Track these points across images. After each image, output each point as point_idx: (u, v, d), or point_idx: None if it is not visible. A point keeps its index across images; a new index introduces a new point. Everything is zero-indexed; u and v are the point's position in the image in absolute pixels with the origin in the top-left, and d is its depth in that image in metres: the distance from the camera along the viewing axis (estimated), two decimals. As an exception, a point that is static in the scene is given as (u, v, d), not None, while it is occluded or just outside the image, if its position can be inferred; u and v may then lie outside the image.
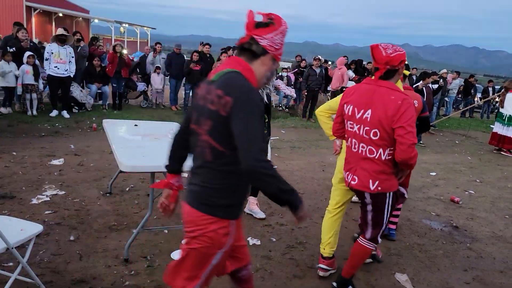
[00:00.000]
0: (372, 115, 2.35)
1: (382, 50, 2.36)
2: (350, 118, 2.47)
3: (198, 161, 1.75)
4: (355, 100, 2.45)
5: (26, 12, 21.83)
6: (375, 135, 2.35)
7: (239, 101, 1.57)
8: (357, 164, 2.47)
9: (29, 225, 2.41)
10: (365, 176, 2.43)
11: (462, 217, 4.56)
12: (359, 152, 2.45)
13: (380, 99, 2.33)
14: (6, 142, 5.82)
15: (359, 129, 2.41)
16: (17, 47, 7.66)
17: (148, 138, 3.48)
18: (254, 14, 1.72)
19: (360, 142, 2.43)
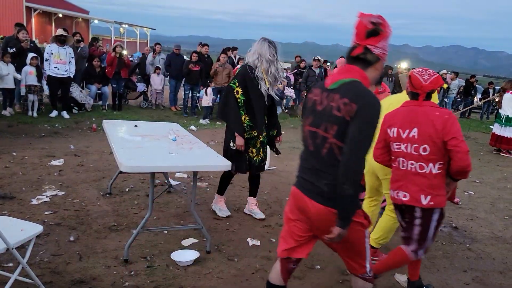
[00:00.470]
0: (419, 133, 2.50)
1: (419, 77, 2.58)
2: (396, 140, 2.61)
3: (326, 161, 1.91)
4: (398, 122, 2.60)
5: (26, 12, 21.84)
6: (425, 151, 2.49)
7: (363, 109, 1.78)
8: (407, 181, 2.57)
9: (29, 225, 2.41)
10: (416, 191, 2.53)
11: (462, 218, 4.57)
12: (408, 169, 2.57)
13: (425, 116, 2.50)
14: (6, 143, 5.83)
15: (407, 147, 2.55)
16: (17, 48, 7.67)
17: (147, 138, 3.49)
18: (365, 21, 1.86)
19: (409, 159, 2.56)
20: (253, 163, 3.79)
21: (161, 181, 4.74)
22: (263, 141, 3.81)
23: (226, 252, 3.22)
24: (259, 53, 3.59)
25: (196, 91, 10.11)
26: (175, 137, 3.57)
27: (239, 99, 3.60)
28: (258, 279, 2.87)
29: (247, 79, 3.58)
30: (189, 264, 2.95)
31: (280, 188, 5.00)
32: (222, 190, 4.00)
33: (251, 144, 3.72)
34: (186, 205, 4.09)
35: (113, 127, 3.86)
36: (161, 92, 10.56)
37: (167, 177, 4.33)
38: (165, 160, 2.94)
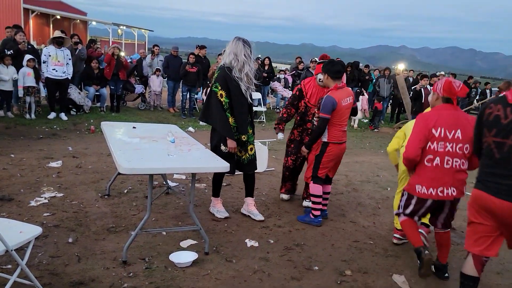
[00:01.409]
0: (462, 134, 2.83)
1: (453, 84, 2.91)
2: (442, 139, 2.85)
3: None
4: (443, 123, 2.85)
5: (24, 14, 21.80)
6: (467, 150, 2.85)
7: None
8: (453, 178, 2.89)
9: (28, 227, 2.42)
10: (462, 185, 2.94)
11: (459, 219, 4.58)
12: (453, 167, 2.88)
13: (464, 120, 2.87)
14: (4, 145, 5.83)
15: (452, 147, 2.84)
16: (15, 50, 7.66)
17: (146, 140, 3.50)
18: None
19: (453, 157, 2.86)
20: (242, 161, 3.80)
21: (159, 182, 4.74)
22: (249, 140, 3.79)
23: (224, 253, 3.23)
24: (234, 53, 3.56)
25: (194, 92, 10.12)
26: (174, 138, 3.58)
27: (224, 102, 3.56)
28: (256, 280, 2.88)
29: (228, 81, 3.55)
30: (187, 265, 2.96)
31: (278, 189, 5.00)
32: (217, 192, 4.00)
33: (238, 144, 3.72)
34: (184, 206, 4.10)
35: (112, 129, 3.87)
36: (159, 93, 10.57)
37: (165, 178, 4.33)
38: (164, 162, 2.95)
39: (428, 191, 2.88)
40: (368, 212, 4.50)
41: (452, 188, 2.88)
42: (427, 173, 2.89)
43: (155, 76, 10.32)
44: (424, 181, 2.89)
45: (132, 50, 26.66)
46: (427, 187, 2.88)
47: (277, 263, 3.16)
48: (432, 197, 2.89)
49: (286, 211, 4.27)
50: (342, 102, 3.79)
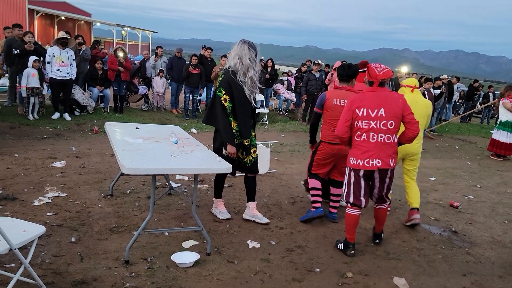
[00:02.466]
0: (386, 112, 3.24)
1: (375, 69, 3.35)
2: (365, 118, 3.27)
3: None
4: (365, 104, 3.27)
5: (29, 15, 21.95)
6: (391, 125, 3.25)
7: None
8: (379, 150, 3.26)
9: (31, 226, 2.43)
10: (387, 157, 3.28)
11: (461, 222, 4.58)
12: (379, 141, 3.26)
13: (388, 99, 3.28)
14: (9, 144, 5.86)
15: (376, 124, 3.25)
16: (21, 49, 7.72)
17: (149, 141, 3.51)
18: None
19: (378, 133, 3.25)
20: (244, 164, 3.78)
21: (161, 183, 4.76)
22: (252, 143, 3.77)
23: (226, 254, 3.24)
24: (239, 56, 3.51)
25: (197, 94, 10.15)
26: (177, 139, 3.60)
27: (227, 107, 3.53)
28: (257, 282, 2.89)
29: (232, 85, 3.50)
30: (189, 266, 2.97)
31: (280, 191, 5.02)
32: (219, 193, 3.99)
33: (241, 147, 3.71)
34: (186, 207, 4.11)
35: (115, 129, 3.89)
36: (162, 95, 10.60)
37: (168, 179, 4.35)
38: (167, 163, 2.96)
39: (357, 161, 3.32)
40: (369, 215, 4.49)
41: (377, 159, 3.27)
42: (357, 147, 3.35)
43: (158, 77, 10.36)
44: (355, 154, 3.34)
45: (136, 51, 26.76)
46: (357, 159, 3.33)
47: (279, 264, 3.17)
48: (360, 167, 3.31)
49: (288, 213, 4.28)
50: (334, 100, 3.93)
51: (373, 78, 3.35)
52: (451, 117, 14.00)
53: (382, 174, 3.36)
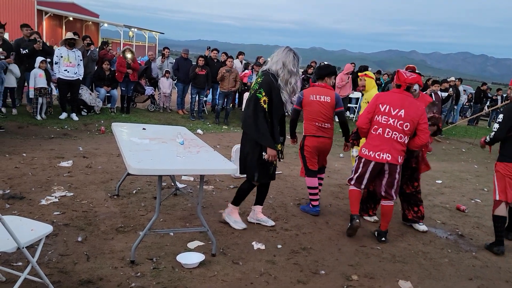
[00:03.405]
0: (405, 114, 3.56)
1: (404, 74, 3.70)
2: (386, 114, 3.61)
3: None
4: (389, 102, 3.62)
5: (38, 15, 22.16)
6: (406, 127, 3.57)
7: None
8: (390, 146, 3.59)
9: (39, 225, 2.45)
10: (396, 153, 3.60)
11: (468, 226, 4.55)
12: (392, 138, 3.59)
13: (411, 104, 3.60)
14: (17, 144, 5.92)
15: (394, 122, 3.58)
16: (30, 49, 7.79)
17: (156, 141, 3.53)
18: None
19: (393, 131, 3.59)
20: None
21: (167, 183, 4.78)
22: (281, 149, 3.74)
23: (231, 255, 3.24)
24: (283, 63, 3.49)
25: (203, 95, 10.18)
26: (183, 140, 3.61)
27: (266, 109, 3.48)
28: (262, 283, 2.89)
29: (272, 88, 3.47)
30: (194, 266, 2.98)
31: (285, 192, 5.02)
32: (239, 201, 3.83)
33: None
34: (192, 208, 4.13)
35: (122, 130, 3.91)
36: (169, 95, 10.65)
37: (174, 180, 4.37)
38: (173, 163, 2.98)
39: (369, 153, 3.65)
40: (376, 217, 4.48)
41: (387, 154, 3.59)
42: (371, 140, 3.67)
43: (164, 78, 10.41)
44: (369, 146, 3.67)
45: (143, 52, 26.90)
46: (369, 150, 3.65)
47: (284, 266, 3.17)
48: (371, 158, 3.63)
49: (293, 215, 4.28)
50: (311, 97, 4.26)
51: (401, 82, 3.66)
52: (458, 119, 13.91)
53: (391, 168, 3.65)
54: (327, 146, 4.35)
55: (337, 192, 5.30)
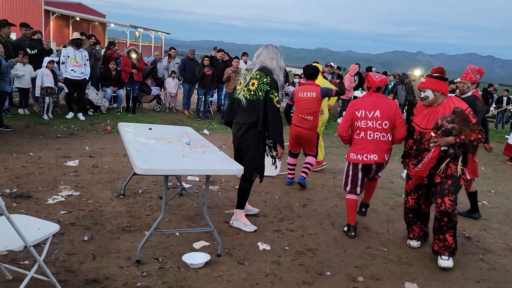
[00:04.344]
0: (381, 113, 3.73)
1: (373, 76, 3.90)
2: (363, 118, 3.77)
3: None
4: (364, 106, 3.80)
5: (45, 15, 22.30)
6: (386, 125, 3.74)
7: None
8: (376, 147, 3.75)
9: (46, 224, 2.47)
10: (382, 153, 3.77)
11: (475, 228, 4.51)
12: (375, 139, 3.75)
13: (384, 103, 3.80)
14: (24, 143, 5.96)
15: (373, 123, 3.74)
16: (39, 49, 7.84)
17: (162, 141, 3.54)
18: None
19: (375, 131, 3.74)
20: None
21: (173, 183, 4.79)
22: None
23: (236, 255, 3.24)
24: (276, 60, 3.57)
25: (209, 95, 10.19)
26: (189, 140, 3.62)
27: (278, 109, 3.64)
28: (268, 284, 2.89)
29: (278, 86, 3.56)
30: (200, 266, 2.98)
31: (290, 193, 5.01)
32: (243, 203, 3.82)
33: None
34: (197, 208, 4.13)
35: (128, 130, 3.93)
36: (175, 96, 10.67)
37: (180, 180, 4.37)
38: (179, 163, 2.98)
39: (356, 156, 3.80)
40: (381, 219, 4.46)
41: (374, 154, 3.75)
42: (356, 144, 3.83)
43: (170, 79, 10.44)
44: (355, 150, 3.83)
45: (148, 53, 26.99)
46: (356, 154, 3.81)
47: (289, 267, 3.16)
48: (360, 161, 3.79)
49: (299, 216, 4.27)
50: (299, 93, 5.02)
51: (371, 84, 3.89)
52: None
53: (378, 167, 3.89)
54: (304, 136, 5.06)
55: (343, 193, 5.27)
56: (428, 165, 3.35)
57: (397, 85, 12.06)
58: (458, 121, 3.22)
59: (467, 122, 3.21)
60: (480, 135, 3.25)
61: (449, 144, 3.24)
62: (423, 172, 3.38)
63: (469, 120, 3.22)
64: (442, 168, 3.40)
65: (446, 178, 3.41)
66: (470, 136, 3.20)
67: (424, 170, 3.37)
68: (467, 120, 3.22)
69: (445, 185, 3.39)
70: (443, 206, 3.36)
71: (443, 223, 3.39)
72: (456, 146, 3.27)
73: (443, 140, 3.24)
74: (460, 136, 3.21)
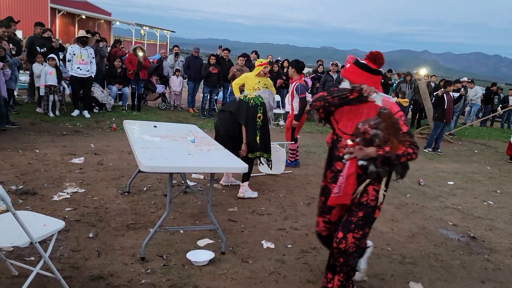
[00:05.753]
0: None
1: None
2: None
3: None
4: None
5: (51, 13, 22.41)
6: None
7: None
8: None
9: (51, 221, 2.48)
10: None
11: (480, 228, 4.49)
12: None
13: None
14: (30, 140, 5.99)
15: None
16: (48, 47, 7.86)
17: (167, 139, 3.55)
18: None
19: None
20: None
21: (177, 181, 4.80)
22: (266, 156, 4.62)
23: (240, 253, 3.24)
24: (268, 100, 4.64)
25: (215, 93, 10.19)
26: (194, 138, 3.62)
27: None
28: (272, 282, 2.89)
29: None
30: (204, 264, 2.99)
31: (295, 192, 5.00)
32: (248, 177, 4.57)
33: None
34: (202, 206, 4.14)
35: (134, 127, 3.94)
36: (179, 94, 10.68)
37: (184, 178, 4.38)
38: (184, 161, 2.99)
39: None
40: (386, 218, 4.44)
41: None
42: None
43: (175, 77, 10.44)
44: None
45: (154, 51, 27.05)
46: None
47: (293, 265, 3.16)
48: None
49: (303, 214, 4.26)
50: None
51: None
52: (474, 119, 13.69)
53: None
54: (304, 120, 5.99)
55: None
56: (347, 188, 2.45)
57: (400, 83, 11.99)
58: (383, 127, 2.34)
59: (395, 129, 2.35)
60: (410, 149, 2.35)
61: (369, 158, 2.36)
62: (343, 198, 2.47)
63: (399, 127, 2.37)
64: (359, 192, 2.49)
65: (358, 207, 2.50)
66: (397, 149, 2.34)
67: (344, 196, 2.46)
68: (395, 127, 2.36)
69: (353, 217, 2.51)
70: (343, 243, 2.50)
71: (338, 263, 2.56)
72: (378, 162, 2.37)
73: (361, 152, 2.36)
74: (385, 147, 2.34)
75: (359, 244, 2.52)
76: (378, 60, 2.49)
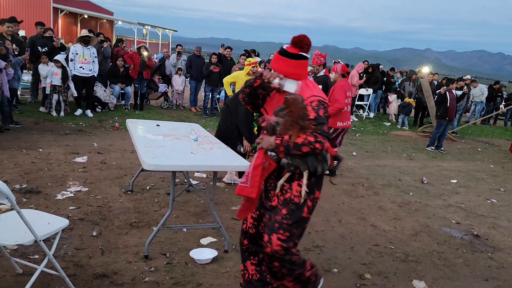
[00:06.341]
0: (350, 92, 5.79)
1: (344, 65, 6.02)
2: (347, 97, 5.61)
3: None
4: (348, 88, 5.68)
5: (53, 13, 22.47)
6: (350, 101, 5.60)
7: None
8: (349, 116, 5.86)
9: (55, 219, 2.49)
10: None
11: (484, 226, 4.48)
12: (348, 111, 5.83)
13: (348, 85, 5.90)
14: (33, 139, 6.02)
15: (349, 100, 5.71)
16: (50, 47, 7.88)
17: (169, 138, 3.55)
18: None
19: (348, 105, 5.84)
20: None
21: (180, 180, 4.81)
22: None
23: (243, 252, 3.25)
24: None
25: (216, 92, 10.19)
26: (197, 137, 3.63)
27: None
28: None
29: None
30: (207, 262, 2.99)
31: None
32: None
33: None
34: (205, 204, 4.14)
35: (136, 126, 3.95)
36: (181, 93, 10.69)
37: (187, 176, 4.39)
38: (187, 160, 2.99)
39: (343, 123, 5.55)
40: (389, 216, 4.44)
41: (348, 121, 5.63)
42: (343, 115, 5.49)
43: (177, 76, 10.45)
44: (342, 119, 5.51)
45: (156, 50, 27.08)
46: (342, 122, 5.53)
47: (296, 263, 3.16)
48: (343, 126, 5.57)
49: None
50: None
51: (345, 72, 5.70)
52: (478, 118, 13.63)
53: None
54: None
55: (350, 190, 5.27)
56: (253, 180, 2.20)
57: (404, 81, 11.95)
58: (287, 113, 2.10)
59: (300, 116, 2.07)
60: (312, 137, 2.05)
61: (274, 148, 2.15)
62: (249, 190, 2.21)
63: (305, 114, 2.08)
64: (279, 185, 2.25)
65: (281, 204, 2.24)
66: (296, 137, 2.07)
67: (251, 188, 2.21)
68: (300, 114, 2.07)
69: (277, 215, 2.21)
70: (268, 247, 2.18)
71: (275, 269, 2.23)
72: (279, 152, 2.15)
73: (266, 141, 2.15)
74: (284, 136, 2.11)
75: (287, 247, 2.16)
76: (299, 43, 2.27)
